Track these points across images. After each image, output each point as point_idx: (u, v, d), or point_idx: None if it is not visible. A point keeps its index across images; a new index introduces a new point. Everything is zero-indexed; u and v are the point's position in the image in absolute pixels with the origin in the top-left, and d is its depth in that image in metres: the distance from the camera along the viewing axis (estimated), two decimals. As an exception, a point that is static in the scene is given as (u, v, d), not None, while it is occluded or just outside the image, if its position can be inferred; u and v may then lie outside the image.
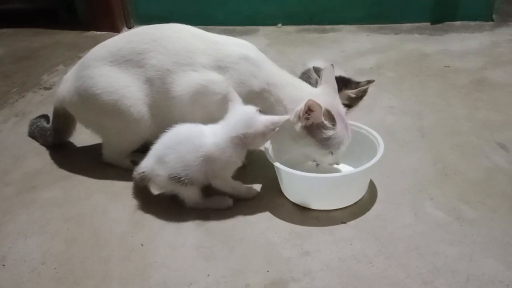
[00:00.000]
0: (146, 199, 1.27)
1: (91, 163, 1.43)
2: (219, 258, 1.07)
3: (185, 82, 1.23)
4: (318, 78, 1.31)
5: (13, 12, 2.99)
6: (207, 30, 1.33)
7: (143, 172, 1.18)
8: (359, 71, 1.99)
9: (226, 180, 1.20)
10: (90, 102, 1.30)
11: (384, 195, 1.24)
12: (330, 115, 1.15)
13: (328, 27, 2.66)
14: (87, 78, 1.30)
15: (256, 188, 1.28)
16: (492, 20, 2.56)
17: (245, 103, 1.16)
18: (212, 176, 1.17)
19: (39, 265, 1.07)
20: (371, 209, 1.20)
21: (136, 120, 1.28)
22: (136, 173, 1.20)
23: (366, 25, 2.64)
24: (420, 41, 2.39)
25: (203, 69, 1.23)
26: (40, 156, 1.50)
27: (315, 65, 1.57)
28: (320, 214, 1.19)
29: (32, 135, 1.60)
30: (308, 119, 1.14)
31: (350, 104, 1.32)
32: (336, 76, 1.32)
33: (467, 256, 1.03)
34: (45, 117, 1.61)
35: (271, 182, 1.27)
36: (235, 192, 1.22)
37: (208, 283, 1.00)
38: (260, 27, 2.71)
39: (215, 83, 1.21)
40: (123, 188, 1.31)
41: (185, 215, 1.19)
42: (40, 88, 2.03)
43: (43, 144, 1.55)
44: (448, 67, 2.04)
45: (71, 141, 1.56)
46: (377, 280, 0.98)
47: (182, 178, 1.13)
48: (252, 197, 1.25)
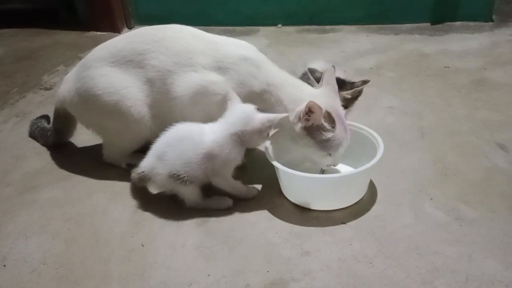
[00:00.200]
0: (146, 199, 1.27)
1: (91, 163, 1.43)
2: (219, 258, 1.07)
3: (185, 83, 1.23)
4: (312, 79, 1.32)
5: (13, 12, 2.99)
6: (207, 30, 1.33)
7: (143, 172, 1.18)
8: (359, 71, 2.00)
9: (226, 178, 1.20)
10: (90, 103, 1.30)
11: (384, 195, 1.25)
12: (330, 117, 1.16)
13: (328, 27, 2.66)
14: (88, 78, 1.30)
15: (256, 188, 1.28)
16: (492, 21, 2.57)
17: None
18: (212, 174, 1.18)
19: (40, 265, 1.07)
20: (371, 209, 1.20)
21: (137, 121, 1.28)
22: (135, 173, 1.21)
23: (366, 25, 2.63)
24: (420, 41, 2.39)
25: (203, 69, 1.23)
26: (41, 156, 1.50)
27: (315, 66, 1.56)
28: (320, 214, 1.19)
29: (32, 135, 1.60)
30: (308, 120, 1.15)
31: (345, 105, 1.32)
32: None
33: (466, 256, 1.03)
34: (45, 117, 1.61)
35: (271, 182, 1.28)
36: (235, 192, 1.23)
37: (208, 283, 1.00)
38: (260, 28, 2.71)
39: (215, 84, 1.21)
40: (123, 188, 1.31)
41: (185, 215, 1.19)
42: (41, 89, 2.03)
43: (43, 144, 1.56)
44: (448, 67, 2.04)
45: (72, 141, 1.56)
46: (377, 280, 0.98)
47: (182, 176, 1.14)
48: (252, 197, 1.25)
